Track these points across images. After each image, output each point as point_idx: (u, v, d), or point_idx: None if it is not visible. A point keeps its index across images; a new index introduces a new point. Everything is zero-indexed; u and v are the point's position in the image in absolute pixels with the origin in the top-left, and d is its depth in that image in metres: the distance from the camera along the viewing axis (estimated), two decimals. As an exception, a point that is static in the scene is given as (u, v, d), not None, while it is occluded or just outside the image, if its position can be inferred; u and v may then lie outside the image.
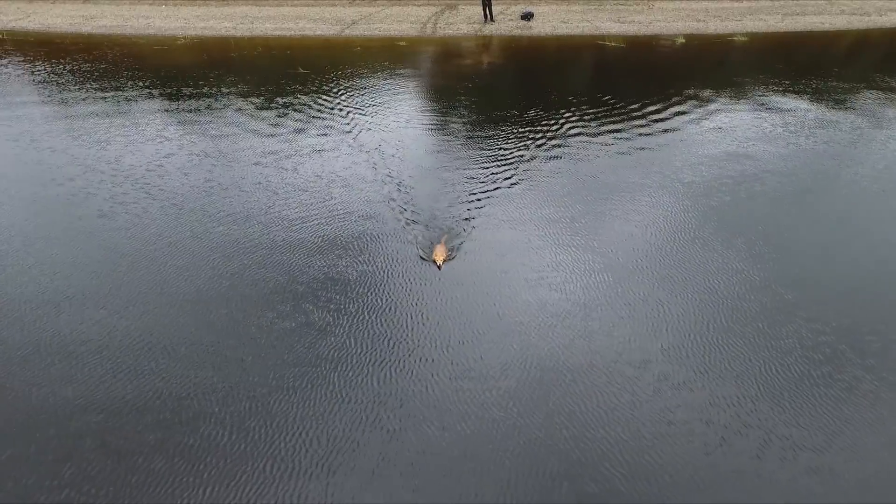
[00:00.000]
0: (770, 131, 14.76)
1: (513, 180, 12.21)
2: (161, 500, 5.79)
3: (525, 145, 13.87)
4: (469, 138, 14.51)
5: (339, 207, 11.14)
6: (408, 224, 10.42)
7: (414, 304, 8.50)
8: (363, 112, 16.15)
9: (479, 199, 11.31)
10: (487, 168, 12.72)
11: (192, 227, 10.53)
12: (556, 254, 9.62)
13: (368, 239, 10.08)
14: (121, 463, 6.16)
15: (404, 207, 10.97)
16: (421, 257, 9.40)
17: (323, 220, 10.70)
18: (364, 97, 17.35)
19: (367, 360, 7.49)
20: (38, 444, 6.37)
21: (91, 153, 13.55)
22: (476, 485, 5.98)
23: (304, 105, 16.71)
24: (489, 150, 13.72)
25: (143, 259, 9.61)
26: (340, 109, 16.34)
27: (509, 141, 14.12)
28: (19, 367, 7.41)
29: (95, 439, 6.41)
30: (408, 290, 8.80)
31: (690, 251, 9.75)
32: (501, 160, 13.09)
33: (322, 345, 7.71)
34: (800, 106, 16.46)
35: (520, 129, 14.80)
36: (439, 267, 9.01)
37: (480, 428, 6.56)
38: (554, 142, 14.01)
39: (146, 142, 14.25)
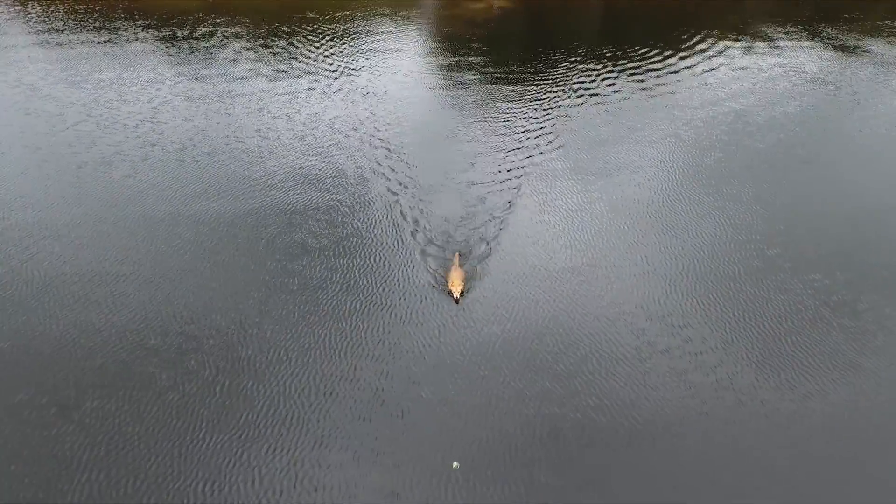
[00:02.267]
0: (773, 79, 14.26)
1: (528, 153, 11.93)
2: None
3: (538, 104, 13.51)
4: (479, 94, 14.12)
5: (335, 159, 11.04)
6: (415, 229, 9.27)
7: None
8: (369, 60, 15.74)
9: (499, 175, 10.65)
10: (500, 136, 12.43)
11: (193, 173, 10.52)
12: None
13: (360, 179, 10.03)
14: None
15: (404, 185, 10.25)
16: (432, 285, 7.96)
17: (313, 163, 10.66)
18: (373, 44, 16.84)
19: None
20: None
21: (91, 97, 13.37)
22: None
23: (313, 51, 16.27)
24: (501, 114, 13.38)
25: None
26: (349, 56, 15.91)
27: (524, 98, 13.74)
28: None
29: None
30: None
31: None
32: (517, 122, 12.77)
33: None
34: (808, 50, 15.81)
35: (534, 82, 14.38)
36: (457, 300, 7.53)
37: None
38: (567, 100, 13.62)
39: (147, 86, 14.02)
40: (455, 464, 5.75)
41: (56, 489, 5.47)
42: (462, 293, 7.55)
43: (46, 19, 18.97)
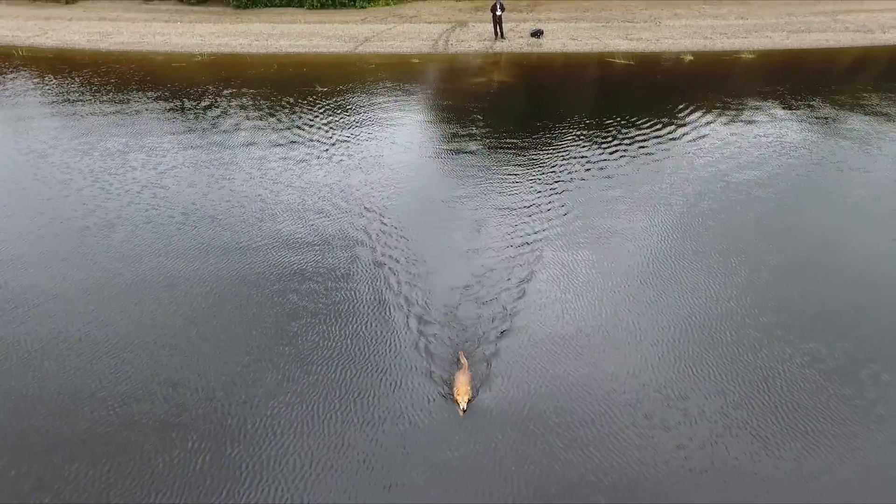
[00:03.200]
0: (764, 148, 14.66)
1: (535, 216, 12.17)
2: None
3: (539, 170, 13.88)
4: (482, 160, 14.53)
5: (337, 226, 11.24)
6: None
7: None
8: (378, 129, 16.29)
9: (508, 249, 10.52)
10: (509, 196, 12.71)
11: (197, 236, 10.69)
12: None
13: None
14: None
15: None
16: (441, 394, 7.39)
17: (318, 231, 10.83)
18: (378, 114, 17.48)
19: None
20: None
21: (98, 165, 13.74)
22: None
23: (323, 122, 16.85)
24: (506, 176, 13.74)
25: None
26: (358, 126, 16.47)
27: (524, 166, 14.14)
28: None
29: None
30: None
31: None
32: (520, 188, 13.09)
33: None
34: (794, 122, 16.36)
35: (534, 151, 14.84)
36: (464, 411, 6.88)
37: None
38: (567, 166, 14.01)
39: (153, 153, 14.44)
40: None
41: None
42: (470, 401, 6.93)
43: (62, 91, 19.80)
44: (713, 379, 7.47)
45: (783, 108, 17.61)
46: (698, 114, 17.05)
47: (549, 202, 11.98)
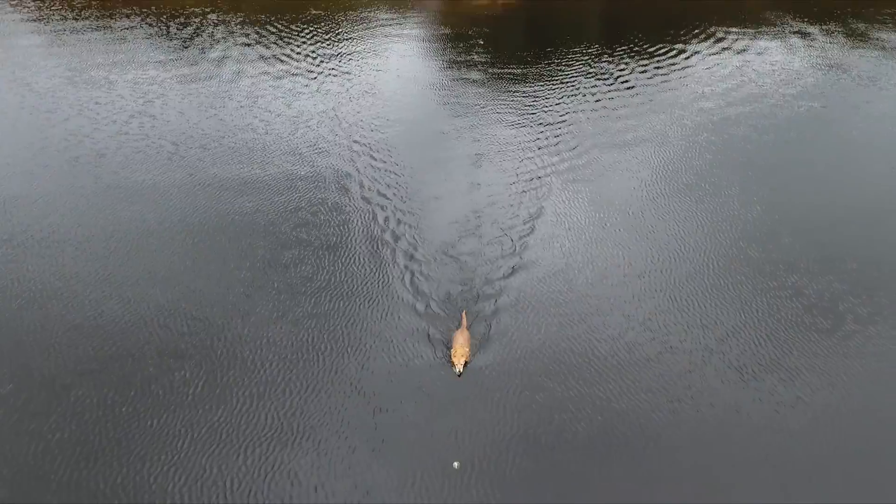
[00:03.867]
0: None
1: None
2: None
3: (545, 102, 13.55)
4: (483, 90, 14.16)
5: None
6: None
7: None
8: (374, 56, 15.78)
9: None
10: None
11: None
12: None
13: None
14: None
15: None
16: (427, 335, 7.30)
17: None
18: (374, 39, 16.86)
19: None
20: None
21: (85, 95, 13.43)
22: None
23: (316, 48, 16.29)
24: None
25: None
26: (353, 53, 15.93)
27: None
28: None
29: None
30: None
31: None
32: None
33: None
34: (802, 50, 15.81)
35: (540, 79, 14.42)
36: (459, 374, 6.60)
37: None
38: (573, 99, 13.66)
39: (141, 82, 14.08)
40: (456, 463, 5.76)
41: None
42: (466, 364, 6.66)
43: (42, 16, 19.00)
44: (698, 311, 7.63)
45: (796, 34, 16.94)
46: (710, 41, 16.44)
47: (551, 135, 11.81)
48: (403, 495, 5.50)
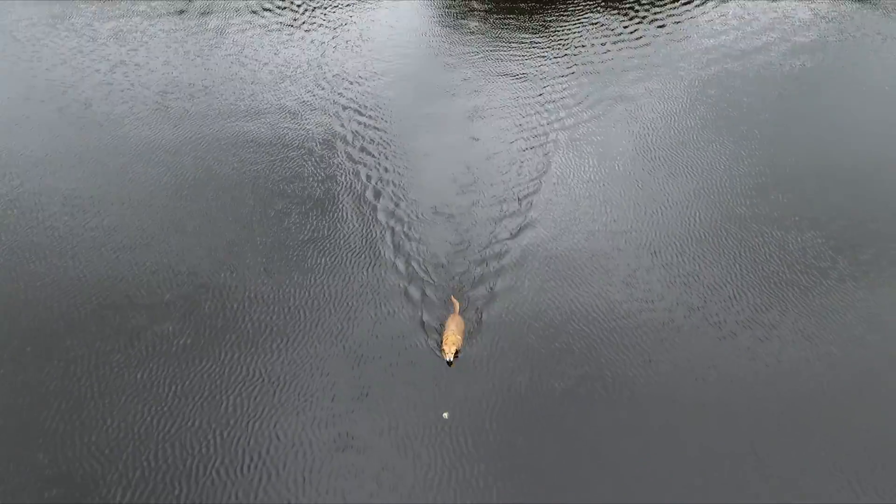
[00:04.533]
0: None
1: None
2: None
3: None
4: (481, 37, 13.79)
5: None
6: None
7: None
8: (364, 5, 15.28)
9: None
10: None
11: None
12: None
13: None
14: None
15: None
16: (406, 291, 7.29)
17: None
18: None
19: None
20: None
21: (68, 44, 13.08)
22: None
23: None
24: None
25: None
26: (341, 4, 15.44)
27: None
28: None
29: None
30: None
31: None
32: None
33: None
34: None
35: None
36: (450, 363, 6.30)
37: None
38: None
39: (127, 30, 13.69)
40: (445, 414, 5.92)
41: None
42: (457, 354, 6.35)
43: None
44: (682, 267, 7.68)
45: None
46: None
47: (553, 90, 11.60)
48: (385, 442, 5.69)
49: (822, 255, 7.82)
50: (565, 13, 14.79)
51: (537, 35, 13.72)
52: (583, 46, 13.28)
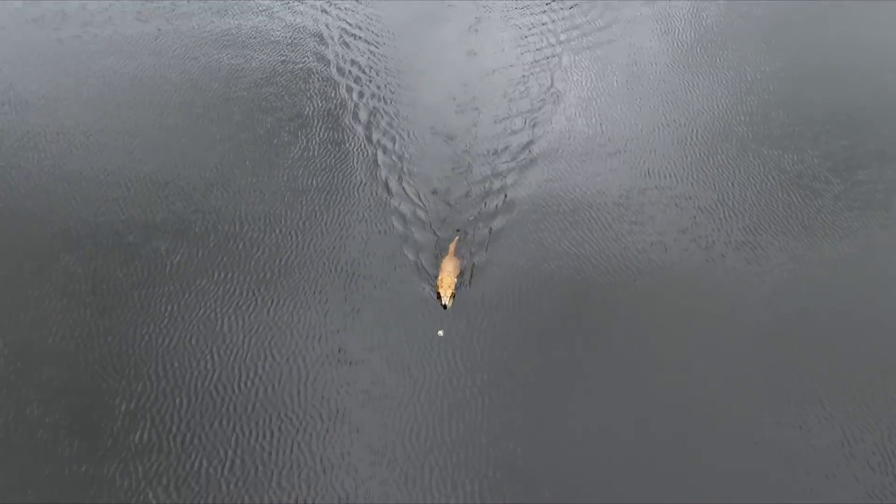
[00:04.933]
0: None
1: None
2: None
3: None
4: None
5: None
6: None
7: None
8: None
9: None
10: None
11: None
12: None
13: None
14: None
15: None
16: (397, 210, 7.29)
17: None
18: None
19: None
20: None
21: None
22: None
23: None
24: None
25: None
26: None
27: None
28: None
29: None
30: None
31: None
32: None
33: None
34: None
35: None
36: (445, 306, 6.17)
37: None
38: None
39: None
40: (440, 332, 6.06)
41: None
42: (453, 296, 6.22)
43: None
44: (675, 187, 7.65)
45: None
46: None
47: None
48: (376, 357, 5.91)
49: (818, 176, 7.73)
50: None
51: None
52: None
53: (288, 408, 5.52)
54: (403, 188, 7.52)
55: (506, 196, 7.46)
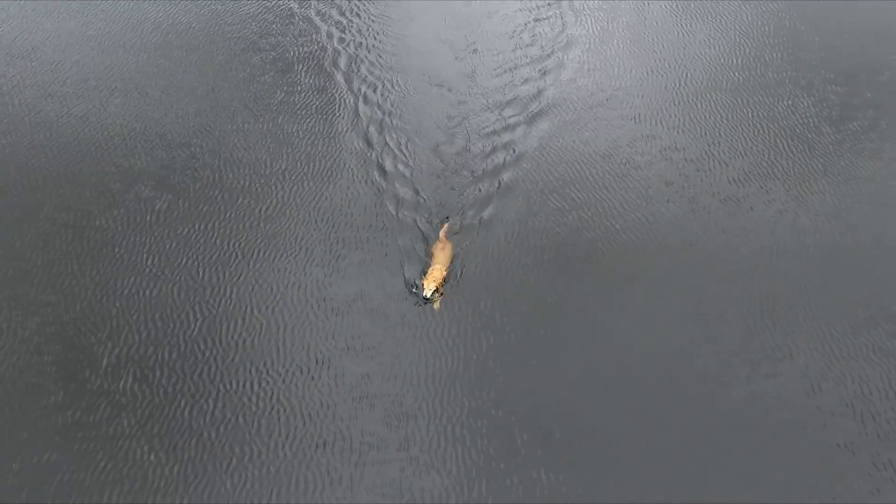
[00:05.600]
0: None
1: None
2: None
3: None
4: None
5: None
6: None
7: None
8: None
9: None
10: None
11: None
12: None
13: None
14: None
15: None
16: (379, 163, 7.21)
17: None
18: None
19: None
20: None
21: None
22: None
23: None
24: None
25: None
26: None
27: None
28: None
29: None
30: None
31: None
32: None
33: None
34: None
35: None
36: (426, 300, 5.90)
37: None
38: None
39: None
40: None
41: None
42: (439, 291, 5.94)
43: None
44: (682, 121, 7.66)
45: None
46: None
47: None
48: (358, 308, 5.95)
49: (809, 125, 7.61)
50: None
51: None
52: None
53: (271, 357, 5.58)
54: (386, 138, 7.43)
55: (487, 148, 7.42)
